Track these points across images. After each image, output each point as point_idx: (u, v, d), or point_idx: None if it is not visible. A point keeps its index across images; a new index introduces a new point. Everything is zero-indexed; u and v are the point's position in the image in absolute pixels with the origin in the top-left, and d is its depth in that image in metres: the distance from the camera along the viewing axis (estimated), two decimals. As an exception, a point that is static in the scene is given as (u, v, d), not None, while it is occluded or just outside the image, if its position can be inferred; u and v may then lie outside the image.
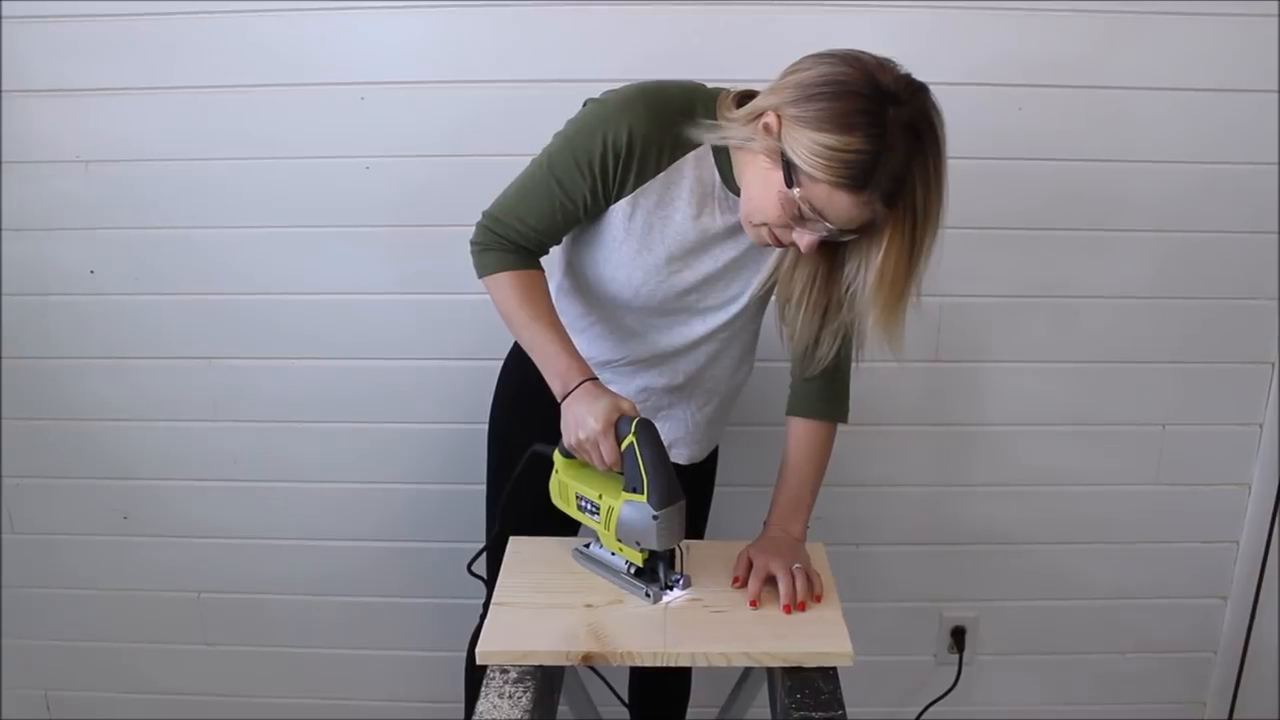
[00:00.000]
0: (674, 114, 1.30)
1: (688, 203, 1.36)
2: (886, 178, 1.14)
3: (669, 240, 1.39)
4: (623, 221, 1.38)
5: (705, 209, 1.38)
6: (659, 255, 1.40)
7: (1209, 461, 2.14)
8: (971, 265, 2.00)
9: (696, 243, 1.40)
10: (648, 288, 1.43)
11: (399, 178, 1.95)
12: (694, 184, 1.36)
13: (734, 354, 1.57)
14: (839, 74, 1.16)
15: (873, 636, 2.22)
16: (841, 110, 1.14)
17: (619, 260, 1.42)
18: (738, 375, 1.61)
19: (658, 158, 1.33)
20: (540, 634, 1.29)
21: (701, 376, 1.56)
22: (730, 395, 1.64)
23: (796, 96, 1.17)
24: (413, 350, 2.06)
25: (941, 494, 2.16)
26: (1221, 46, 1.87)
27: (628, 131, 1.30)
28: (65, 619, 2.30)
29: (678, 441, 1.63)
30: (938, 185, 1.18)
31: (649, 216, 1.37)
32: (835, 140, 1.13)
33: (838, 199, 1.16)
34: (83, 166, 1.97)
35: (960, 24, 1.86)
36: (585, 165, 1.32)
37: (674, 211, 1.37)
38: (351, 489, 2.17)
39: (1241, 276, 2.02)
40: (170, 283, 2.04)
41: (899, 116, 1.13)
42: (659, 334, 1.50)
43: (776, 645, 1.28)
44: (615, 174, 1.33)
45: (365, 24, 1.88)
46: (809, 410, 1.50)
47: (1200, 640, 2.28)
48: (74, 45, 1.90)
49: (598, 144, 1.31)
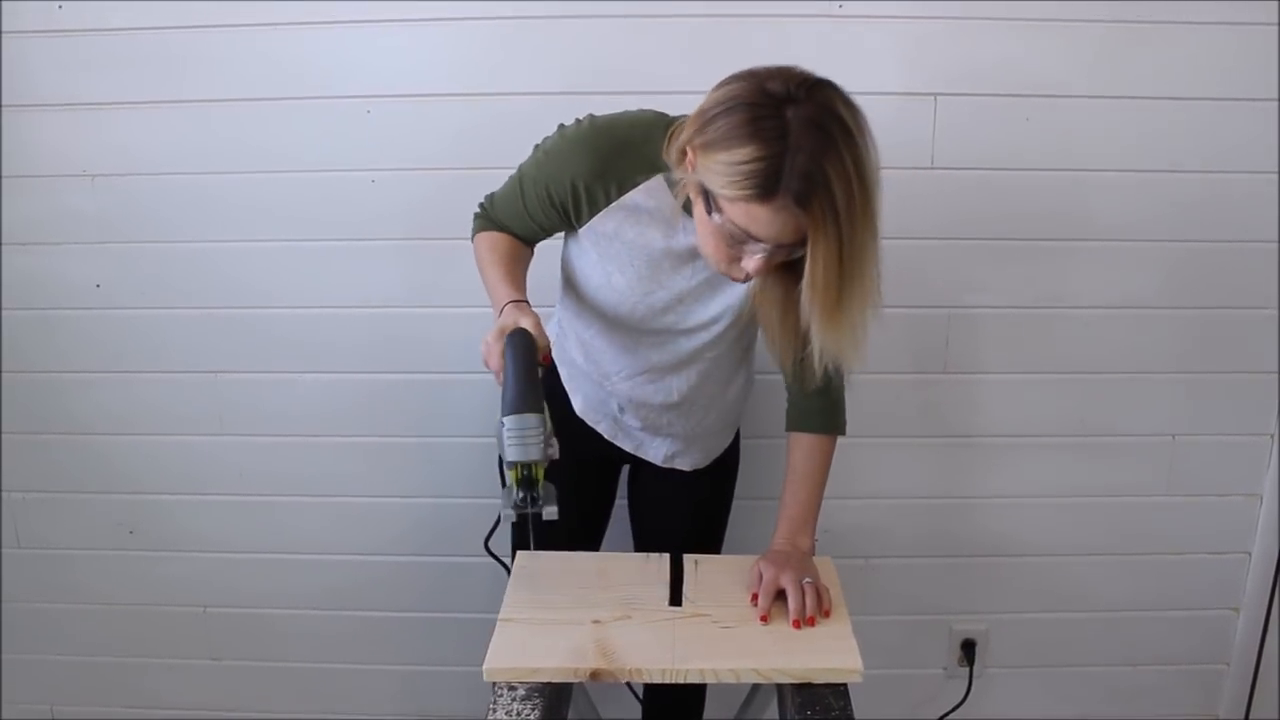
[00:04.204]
0: (619, 152, 1.32)
1: (649, 226, 1.37)
2: (795, 178, 1.09)
3: (637, 262, 1.39)
4: (594, 242, 1.41)
5: (673, 230, 1.37)
6: (630, 275, 1.41)
7: (1220, 472, 2.13)
8: (980, 277, 1.99)
9: (666, 263, 1.40)
10: (626, 306, 1.44)
11: (405, 190, 1.95)
12: (653, 210, 1.36)
13: (725, 371, 1.57)
14: (730, 91, 1.14)
15: (882, 650, 2.20)
16: (736, 123, 1.11)
17: (600, 279, 1.44)
18: (733, 388, 1.61)
19: (605, 192, 1.35)
20: (548, 651, 1.28)
21: (696, 395, 1.56)
22: (729, 407, 1.64)
23: (699, 125, 1.16)
24: (419, 363, 2.05)
25: (951, 506, 2.15)
26: (1225, 56, 1.87)
27: (570, 178, 1.34)
28: (70, 633, 2.29)
29: (679, 454, 1.62)
30: (860, 179, 1.12)
31: (613, 241, 1.39)
32: (735, 155, 1.11)
33: (755, 213, 1.13)
34: (89, 180, 1.97)
35: (968, 36, 1.86)
36: (544, 198, 1.38)
37: (638, 236, 1.37)
38: (358, 503, 2.16)
39: (1251, 286, 2.01)
40: (176, 296, 2.04)
41: (798, 115, 1.10)
42: (650, 350, 1.50)
43: (786, 661, 1.27)
44: (570, 208, 1.38)
45: (370, 38, 1.88)
46: (809, 425, 1.50)
47: (1212, 652, 2.26)
48: (80, 59, 1.90)
49: (543, 188, 1.37)
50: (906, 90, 1.88)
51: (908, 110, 1.89)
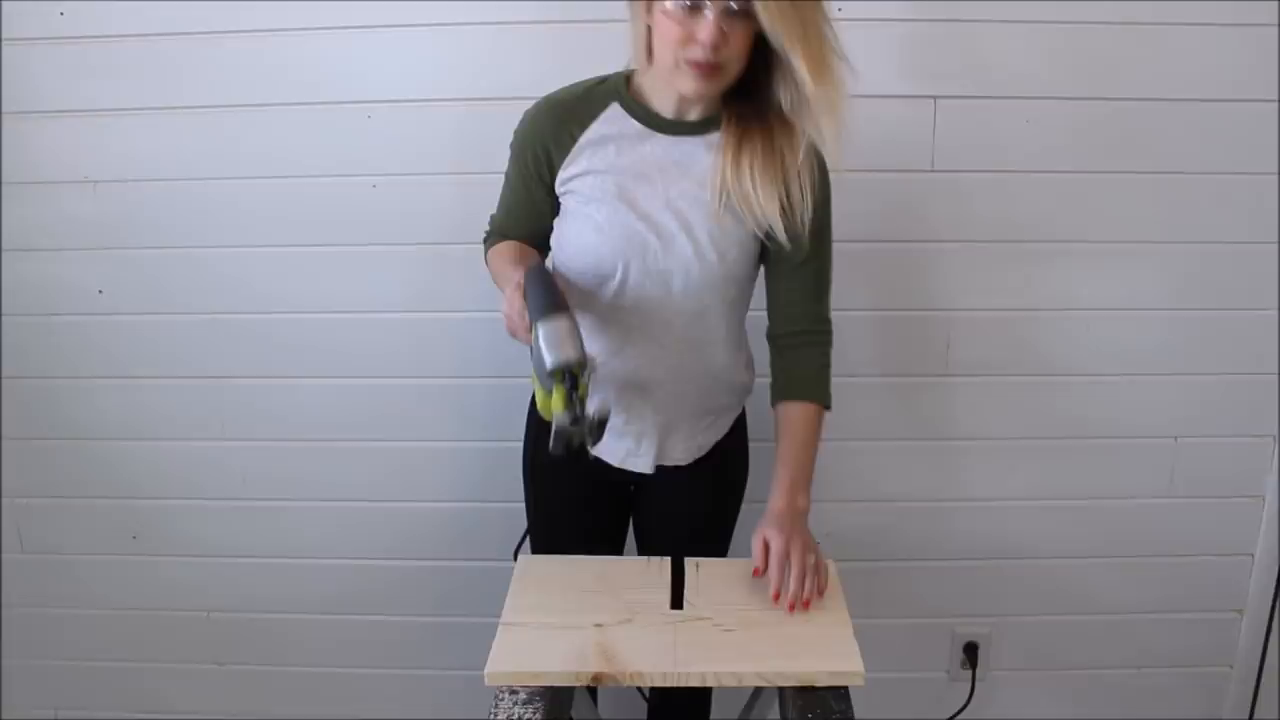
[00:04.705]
0: (569, 106, 1.48)
1: (617, 152, 1.46)
2: None
3: (609, 186, 1.46)
4: (572, 193, 1.49)
5: (640, 145, 1.46)
6: (607, 209, 1.46)
7: (1222, 474, 2.12)
8: (980, 279, 2.00)
9: (637, 182, 1.46)
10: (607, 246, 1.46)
11: (406, 195, 1.95)
12: (616, 135, 1.46)
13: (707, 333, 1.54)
14: None
15: (885, 653, 2.20)
16: None
17: (582, 224, 1.48)
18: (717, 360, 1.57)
19: (570, 135, 1.47)
20: (550, 654, 1.28)
21: (682, 369, 1.54)
22: (715, 383, 1.59)
23: None
24: (422, 368, 2.06)
25: (953, 509, 2.15)
26: (1226, 57, 1.87)
27: (537, 140, 1.49)
28: (74, 638, 2.29)
29: (671, 446, 1.60)
30: None
31: (585, 177, 1.47)
32: None
33: None
34: (91, 186, 1.97)
35: (967, 38, 1.86)
36: (527, 173, 1.51)
37: (606, 162, 1.46)
38: (361, 507, 2.16)
39: (1253, 287, 2.01)
40: (179, 302, 2.04)
41: None
42: (630, 315, 1.50)
43: (787, 664, 1.27)
44: (545, 169, 1.49)
45: (371, 43, 1.88)
46: (802, 393, 1.53)
47: (1216, 654, 2.26)
48: (82, 65, 1.90)
49: (522, 164, 1.51)
50: (906, 93, 1.88)
51: (908, 113, 1.90)
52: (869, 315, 2.01)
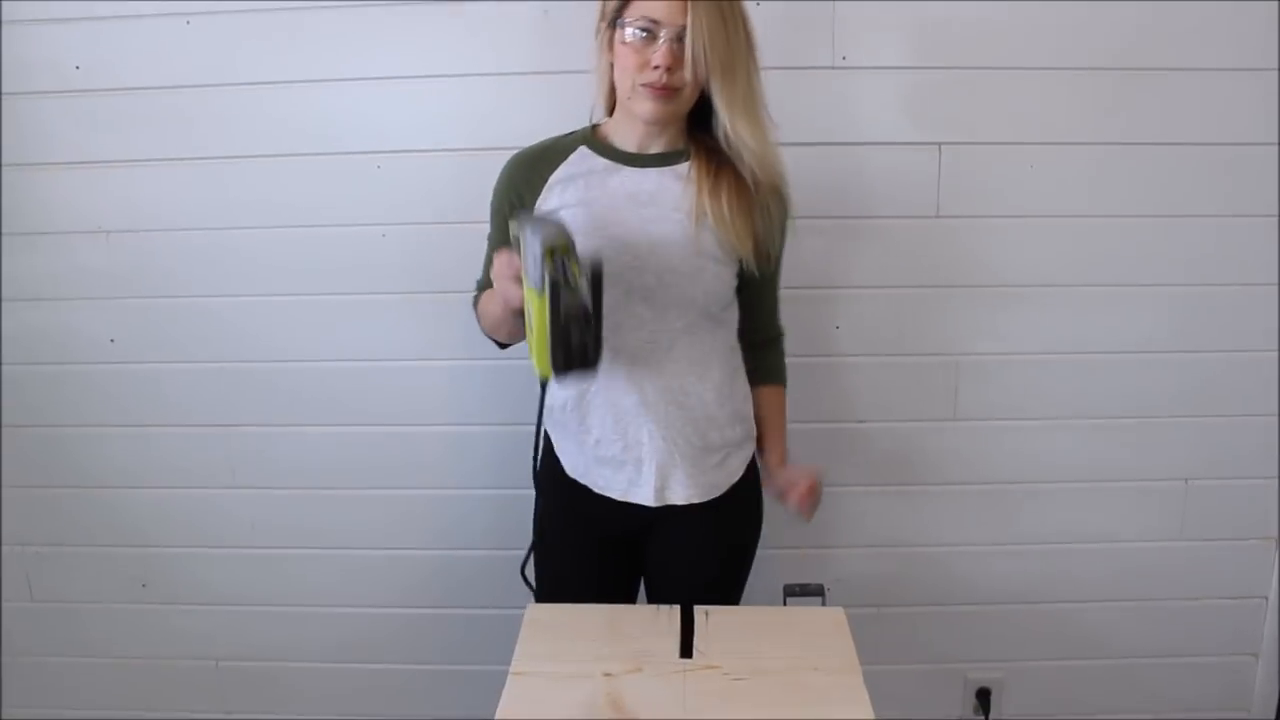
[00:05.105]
0: (537, 155, 1.57)
1: (585, 187, 1.53)
2: None
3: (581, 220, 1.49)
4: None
5: (610, 177, 1.53)
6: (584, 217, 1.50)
7: (1234, 516, 2.11)
8: (987, 323, 2.00)
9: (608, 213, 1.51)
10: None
11: (415, 244, 1.97)
12: (585, 173, 1.54)
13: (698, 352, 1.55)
14: None
15: (896, 700, 2.18)
16: None
17: None
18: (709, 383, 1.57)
19: (542, 178, 1.55)
20: (559, 703, 1.28)
21: (671, 385, 1.54)
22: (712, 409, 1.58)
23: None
24: (431, 416, 2.06)
25: (963, 553, 2.14)
26: (1229, 101, 1.88)
27: (510, 193, 1.57)
28: (83, 687, 2.29)
29: (673, 481, 1.57)
30: None
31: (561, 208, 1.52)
32: None
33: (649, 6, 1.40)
34: (104, 236, 1.99)
35: (971, 85, 1.88)
36: (502, 216, 1.57)
37: (576, 197, 1.53)
38: (370, 555, 2.16)
39: (1262, 328, 2.01)
40: (189, 351, 2.06)
41: None
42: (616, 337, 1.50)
43: (798, 713, 1.26)
44: (520, 208, 1.55)
45: (379, 94, 1.91)
46: (773, 379, 1.72)
47: (1232, 699, 2.23)
48: (95, 117, 1.93)
49: (500, 217, 1.59)
50: (911, 140, 1.90)
51: (913, 160, 1.91)
52: (876, 360, 2.02)
